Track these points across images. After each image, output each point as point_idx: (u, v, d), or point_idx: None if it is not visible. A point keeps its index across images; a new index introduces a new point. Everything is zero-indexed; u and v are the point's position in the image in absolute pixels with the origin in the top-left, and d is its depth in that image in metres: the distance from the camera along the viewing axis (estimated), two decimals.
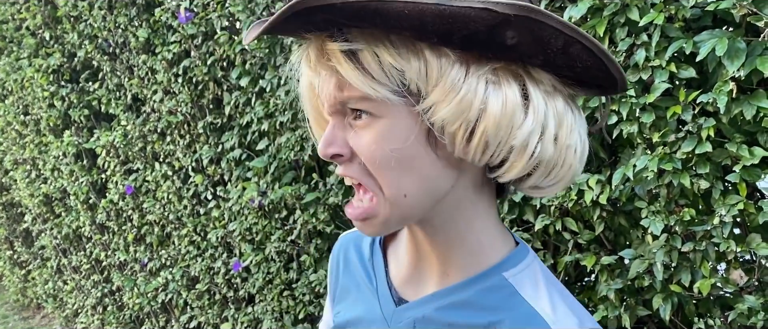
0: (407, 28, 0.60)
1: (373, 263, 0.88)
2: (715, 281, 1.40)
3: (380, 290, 0.84)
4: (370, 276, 0.87)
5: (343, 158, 0.69)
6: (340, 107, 0.69)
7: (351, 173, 0.70)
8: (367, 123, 0.67)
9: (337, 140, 0.69)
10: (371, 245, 0.90)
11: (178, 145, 3.11)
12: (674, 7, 1.31)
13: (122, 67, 3.31)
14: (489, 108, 0.62)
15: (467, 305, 0.73)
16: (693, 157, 1.33)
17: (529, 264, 0.74)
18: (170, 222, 3.43)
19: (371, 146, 0.67)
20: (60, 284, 5.21)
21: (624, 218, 1.59)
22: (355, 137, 0.68)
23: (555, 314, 0.69)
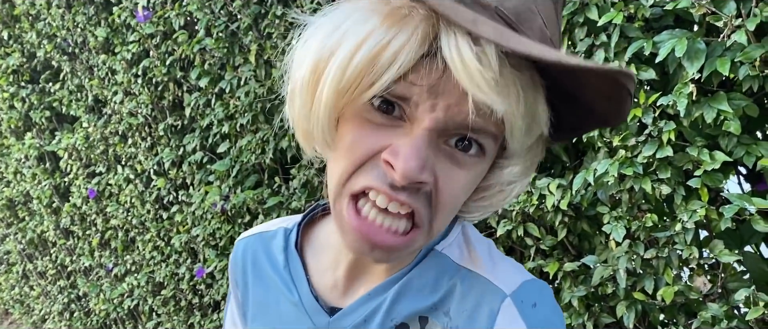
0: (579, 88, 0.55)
1: (290, 271, 0.76)
2: (678, 288, 1.36)
3: (306, 302, 0.73)
4: (289, 287, 0.75)
5: (423, 185, 0.56)
6: (455, 129, 0.55)
7: (416, 205, 0.57)
8: (474, 161, 0.58)
9: (427, 164, 0.55)
10: (285, 249, 0.78)
11: (140, 147, 3.02)
12: (634, 6, 1.27)
13: (82, 68, 3.21)
14: (525, 180, 0.65)
15: (407, 290, 0.68)
16: (654, 161, 1.28)
17: (458, 231, 0.72)
18: (134, 227, 3.34)
19: (464, 187, 0.59)
20: (26, 289, 5.08)
21: (587, 224, 1.54)
22: (450, 170, 0.57)
23: (495, 270, 0.66)
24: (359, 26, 0.54)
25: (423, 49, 0.52)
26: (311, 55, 0.57)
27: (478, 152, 0.57)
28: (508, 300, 0.63)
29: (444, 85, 0.53)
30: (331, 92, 0.55)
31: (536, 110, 0.56)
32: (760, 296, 1.23)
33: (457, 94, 0.52)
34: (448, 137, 0.56)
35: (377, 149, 0.56)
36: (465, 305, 0.65)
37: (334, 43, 0.55)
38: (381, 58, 0.52)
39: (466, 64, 0.50)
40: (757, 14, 1.09)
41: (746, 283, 1.33)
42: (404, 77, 0.53)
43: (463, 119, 0.53)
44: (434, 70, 0.52)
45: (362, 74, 0.53)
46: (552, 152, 1.60)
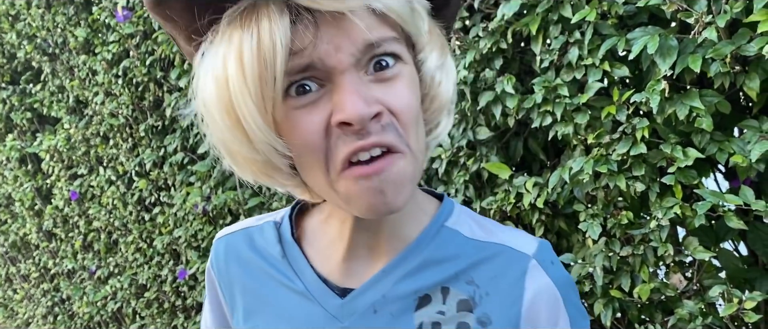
0: None
1: (290, 261, 0.75)
2: (654, 285, 1.36)
3: (312, 288, 0.72)
4: (290, 277, 0.74)
5: (378, 118, 0.58)
6: (363, 53, 0.58)
7: (386, 138, 0.58)
8: (398, 72, 0.60)
9: (370, 98, 0.58)
10: (280, 241, 0.77)
11: (121, 148, 3.00)
12: (607, 3, 1.27)
13: (63, 68, 3.18)
14: (451, 71, 0.68)
15: (426, 265, 0.70)
16: (628, 159, 1.28)
17: (460, 209, 0.75)
18: (116, 229, 3.31)
19: (406, 96, 0.60)
20: (10, 293, 5.03)
21: (564, 222, 1.54)
22: (385, 91, 0.59)
23: (510, 237, 0.71)
24: (229, 46, 0.57)
25: (285, 18, 0.56)
26: (211, 95, 0.60)
27: (396, 62, 0.60)
28: (533, 261, 0.68)
29: (325, 30, 0.56)
30: (252, 108, 0.57)
31: None
32: (734, 292, 1.24)
33: (341, 30, 0.56)
34: (365, 68, 0.59)
35: (325, 124, 0.58)
36: (490, 272, 0.69)
37: (223, 70, 0.58)
38: (265, 52, 0.55)
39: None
40: (727, 11, 1.09)
41: (721, 280, 1.33)
42: (294, 52, 0.56)
43: (359, 40, 0.57)
44: (309, 27, 0.56)
45: (262, 75, 0.56)
46: (530, 151, 1.60)
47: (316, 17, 0.56)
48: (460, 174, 1.60)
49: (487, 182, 1.62)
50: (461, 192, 1.63)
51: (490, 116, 1.51)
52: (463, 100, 1.54)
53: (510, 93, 1.41)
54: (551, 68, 1.37)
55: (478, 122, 1.56)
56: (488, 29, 1.43)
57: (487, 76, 1.47)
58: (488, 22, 1.45)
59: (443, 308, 0.68)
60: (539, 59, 1.37)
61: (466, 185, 1.62)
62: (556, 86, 1.33)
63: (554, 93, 1.34)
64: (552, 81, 1.34)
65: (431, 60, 0.65)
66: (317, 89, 0.58)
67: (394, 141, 0.58)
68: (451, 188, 1.65)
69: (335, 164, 0.59)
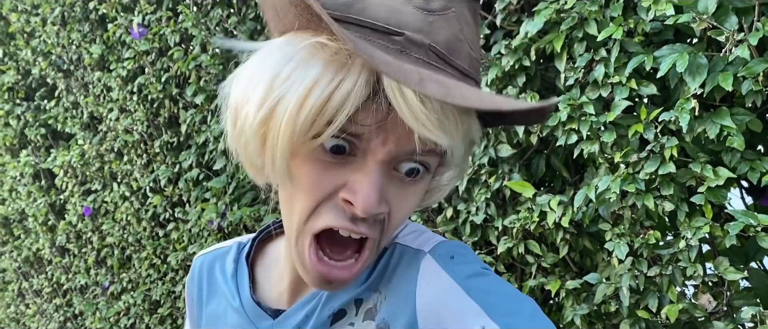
0: None
1: (237, 279, 0.80)
2: (683, 306, 1.33)
3: (247, 307, 0.76)
4: (233, 295, 0.79)
5: (379, 216, 0.60)
6: (404, 158, 0.58)
7: (370, 232, 0.60)
8: (420, 181, 0.62)
9: (384, 197, 0.59)
10: (235, 260, 0.82)
11: (136, 165, 3.00)
12: (633, 20, 1.25)
13: (77, 85, 3.19)
14: (458, 177, 0.69)
15: None
16: (656, 177, 1.26)
17: None
18: (130, 245, 3.31)
19: (413, 206, 0.63)
20: (22, 308, 5.03)
21: (588, 241, 1.52)
22: (401, 195, 0.61)
23: (417, 240, 0.71)
24: (304, 72, 0.55)
25: (368, 90, 0.54)
26: (257, 96, 0.57)
27: (424, 172, 0.61)
28: (427, 256, 0.67)
29: (392, 122, 0.55)
30: (286, 136, 0.56)
31: (470, 130, 0.61)
32: (767, 314, 1.21)
33: (404, 128, 0.55)
34: (398, 164, 0.59)
35: (334, 189, 0.59)
36: (389, 275, 0.70)
37: (281, 86, 0.56)
38: (331, 103, 0.54)
39: (411, 107, 0.53)
40: (759, 28, 1.08)
41: (752, 300, 1.30)
42: (353, 119, 0.55)
43: (411, 149, 0.57)
44: (380, 111, 0.55)
45: (314, 119, 0.54)
46: (553, 168, 1.58)
47: (392, 112, 0.55)
48: (482, 192, 1.59)
49: (509, 200, 1.60)
50: (482, 210, 1.61)
51: (512, 133, 1.50)
52: None
53: None
54: (576, 86, 1.35)
55: (499, 140, 1.54)
56: (511, 47, 1.41)
57: (510, 94, 1.45)
58: (511, 39, 1.43)
59: (354, 319, 0.70)
60: (564, 77, 1.35)
61: (488, 203, 1.60)
62: (581, 104, 1.31)
63: (579, 111, 1.32)
64: (577, 99, 1.32)
65: (447, 177, 0.67)
66: (349, 153, 0.58)
67: (375, 236, 0.61)
68: (472, 206, 1.63)
69: (315, 223, 0.60)
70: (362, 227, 0.59)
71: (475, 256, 0.69)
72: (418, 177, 0.60)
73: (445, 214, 1.72)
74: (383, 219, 0.61)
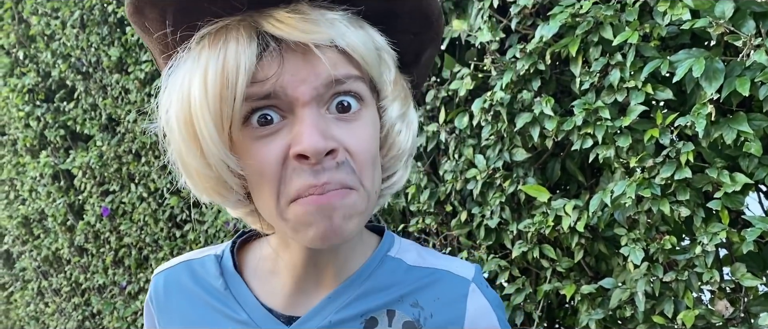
0: (418, 16, 0.66)
1: (233, 292, 0.75)
2: (699, 312, 1.32)
3: (257, 318, 0.73)
4: (233, 309, 0.74)
5: (333, 155, 0.59)
6: (326, 90, 0.60)
7: (340, 177, 0.59)
8: (357, 114, 0.62)
9: (327, 133, 0.59)
10: (222, 274, 0.76)
11: (153, 166, 3.03)
12: (649, 25, 1.24)
13: (96, 87, 3.23)
14: (413, 123, 0.70)
15: (372, 291, 0.72)
16: (672, 183, 1.26)
17: (401, 240, 0.79)
18: (147, 245, 3.34)
19: (364, 139, 0.62)
20: (42, 306, 5.09)
21: (604, 245, 1.51)
22: (346, 131, 0.61)
23: (449, 264, 0.76)
24: (196, 63, 0.59)
25: (254, 45, 0.58)
26: (176, 116, 0.61)
27: (358, 102, 0.62)
28: (472, 284, 0.74)
29: (292, 63, 0.58)
30: (211, 130, 0.59)
31: (371, 37, 0.63)
32: None
33: (307, 64, 0.58)
34: (327, 104, 0.60)
35: (283, 155, 0.60)
36: (433, 295, 0.73)
37: (186, 91, 0.60)
38: (228, 76, 0.57)
39: (288, 24, 0.57)
40: None
41: None
42: (259, 80, 0.58)
43: (327, 76, 0.58)
44: (276, 56, 0.58)
45: (223, 94, 0.58)
46: (568, 172, 1.57)
47: (282, 48, 0.58)
48: (496, 196, 1.58)
49: (523, 204, 1.59)
50: (497, 214, 1.61)
51: (527, 137, 1.50)
52: (499, 121, 1.52)
53: (548, 115, 1.39)
54: (591, 90, 1.35)
55: (514, 143, 1.54)
56: (526, 50, 1.41)
57: (525, 98, 1.45)
58: (526, 43, 1.43)
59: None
60: (579, 81, 1.35)
61: (502, 207, 1.60)
62: (597, 109, 1.31)
63: (595, 115, 1.32)
64: (592, 103, 1.32)
65: (393, 109, 0.67)
66: (279, 120, 0.60)
67: (346, 179, 0.60)
68: (486, 210, 1.63)
69: (287, 195, 0.60)
70: (325, 176, 0.59)
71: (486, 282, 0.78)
72: (355, 111, 0.61)
73: (459, 217, 1.72)
74: (346, 162, 0.60)
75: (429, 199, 1.77)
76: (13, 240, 4.96)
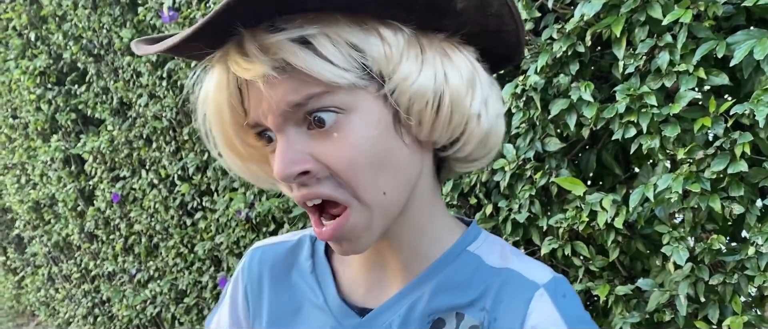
0: (366, 4, 0.57)
1: (317, 275, 0.78)
2: (748, 318, 1.21)
3: (332, 305, 0.75)
4: (314, 291, 0.77)
5: (310, 175, 0.60)
6: (293, 113, 0.60)
7: (319, 191, 0.61)
8: (336, 125, 0.60)
9: (298, 156, 0.60)
10: (312, 255, 0.80)
11: (164, 152, 2.95)
12: (703, 3, 1.13)
13: (108, 70, 3.15)
14: (450, 80, 0.62)
15: (443, 289, 0.70)
16: (725, 177, 1.14)
17: (486, 235, 0.75)
18: (157, 233, 3.27)
19: (347, 151, 0.60)
20: (52, 292, 5.06)
21: (642, 243, 1.40)
22: (323, 146, 0.60)
23: (526, 266, 0.69)
24: (208, 85, 0.66)
25: (231, 81, 0.62)
26: (202, 116, 0.68)
27: (334, 114, 0.59)
28: (541, 289, 0.66)
29: (257, 95, 0.60)
30: (225, 146, 0.68)
31: (338, 37, 0.58)
32: None
33: (264, 92, 0.59)
34: (305, 123, 0.60)
35: None
36: (499, 297, 0.68)
37: (204, 105, 0.67)
38: (218, 106, 0.64)
39: (236, 65, 0.59)
40: None
41: None
42: (246, 110, 0.63)
43: (285, 102, 0.59)
44: (249, 91, 0.61)
45: (221, 123, 0.65)
46: (602, 164, 1.46)
47: (248, 83, 0.61)
48: (526, 188, 1.48)
49: (554, 197, 1.49)
50: (526, 208, 1.51)
51: (562, 125, 1.39)
52: (531, 107, 1.41)
53: (588, 101, 1.28)
54: (635, 75, 1.24)
55: (547, 132, 1.44)
56: (564, 31, 1.30)
57: (561, 83, 1.34)
58: (563, 22, 1.32)
59: None
60: (622, 65, 1.24)
61: (532, 201, 1.50)
62: (641, 95, 1.20)
63: (639, 102, 1.21)
64: (637, 89, 1.21)
65: (407, 82, 0.60)
66: (273, 141, 0.64)
67: (331, 193, 0.61)
68: (514, 203, 1.53)
69: (299, 203, 0.65)
70: (304, 190, 0.61)
71: (579, 300, 0.69)
72: (331, 124, 0.59)
73: (484, 211, 1.62)
74: (328, 177, 0.61)
75: (452, 191, 1.66)
76: (24, 225, 4.92)
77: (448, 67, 0.62)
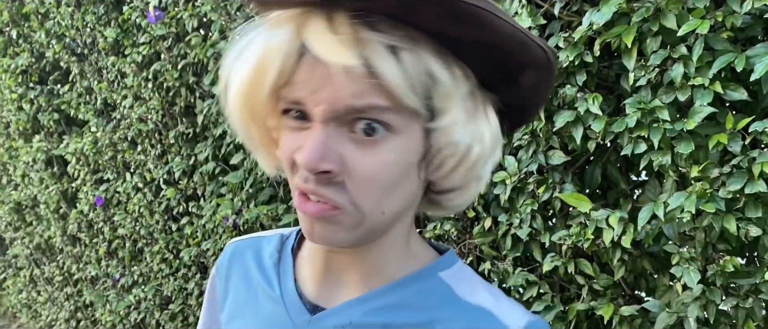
0: (457, 43, 0.57)
1: (279, 269, 0.77)
2: None
3: (287, 298, 0.73)
4: (271, 283, 0.76)
5: (331, 175, 0.58)
6: (345, 115, 0.57)
7: (323, 192, 0.59)
8: (382, 140, 0.58)
9: (332, 155, 0.57)
10: (279, 249, 0.78)
11: (150, 155, 2.86)
12: (721, 13, 1.07)
13: (91, 70, 3.06)
14: (483, 140, 0.62)
15: (403, 306, 0.68)
16: (742, 197, 1.09)
17: (462, 266, 0.73)
18: (142, 237, 3.18)
19: (376, 167, 0.59)
20: (34, 294, 4.95)
21: (648, 262, 1.34)
22: (357, 153, 0.58)
23: (499, 306, 0.66)
24: (254, 40, 0.60)
25: (296, 44, 0.57)
26: (224, 74, 0.63)
27: (385, 130, 0.58)
28: None
29: (319, 77, 0.56)
30: (243, 104, 0.62)
31: (420, 62, 0.57)
32: None
33: (333, 83, 0.56)
34: (352, 124, 0.58)
35: (293, 152, 0.60)
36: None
37: (234, 72, 0.62)
38: (264, 65, 0.58)
39: (319, 37, 0.55)
40: None
41: None
42: (291, 80, 0.58)
43: (345, 104, 0.56)
44: (308, 65, 0.57)
45: (255, 81, 0.59)
46: (607, 179, 1.40)
47: (315, 59, 0.56)
48: (527, 203, 1.41)
49: (557, 213, 1.42)
50: (527, 223, 1.44)
51: (567, 138, 1.33)
52: (535, 119, 1.35)
53: (595, 113, 1.22)
54: (646, 87, 1.18)
55: (550, 145, 1.37)
56: (571, 40, 1.24)
57: (567, 93, 1.28)
58: (570, 30, 1.26)
59: None
60: (632, 76, 1.17)
61: (533, 215, 1.43)
62: (653, 108, 1.14)
63: (651, 116, 1.15)
64: (648, 102, 1.15)
65: (448, 129, 0.60)
66: (309, 120, 0.60)
67: (332, 197, 0.59)
68: (515, 218, 1.46)
69: (292, 184, 0.63)
70: (313, 186, 0.59)
71: None
72: (378, 137, 0.58)
73: (482, 224, 1.55)
74: (342, 182, 0.59)
75: None
76: (6, 226, 4.80)
77: (484, 127, 0.62)
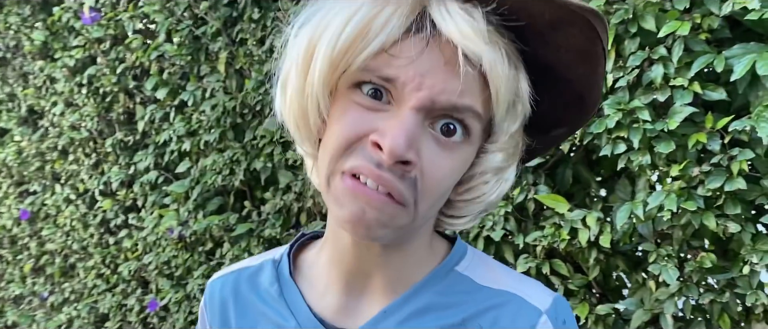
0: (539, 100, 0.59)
1: (286, 300, 0.72)
2: None
3: (306, 327, 0.70)
4: (284, 316, 0.71)
5: (409, 166, 0.56)
6: (440, 109, 0.56)
7: (394, 185, 0.56)
8: (457, 145, 0.58)
9: (415, 145, 0.56)
10: (278, 279, 0.74)
11: (83, 165, 2.70)
12: (698, 14, 1.09)
13: (15, 75, 2.86)
14: (506, 174, 0.64)
15: (429, 309, 0.66)
16: (721, 195, 1.11)
17: (473, 252, 0.72)
18: (74, 252, 3.00)
19: (450, 172, 0.59)
20: None
21: (622, 261, 1.36)
22: (435, 154, 0.57)
23: (522, 287, 0.67)
24: (350, 3, 0.56)
25: (410, 20, 0.55)
26: (305, 36, 0.59)
27: (463, 135, 0.58)
28: (544, 316, 0.65)
29: (428, 61, 0.54)
30: (326, 62, 0.57)
31: (518, 81, 0.58)
32: None
33: (442, 73, 0.54)
34: (434, 120, 0.57)
35: (366, 131, 0.57)
36: (498, 321, 0.66)
37: (327, 20, 0.57)
38: (371, 27, 0.54)
39: (456, 19, 0.53)
40: None
41: None
42: (390, 50, 0.55)
43: (448, 98, 0.55)
44: (419, 44, 0.54)
45: (354, 43, 0.55)
46: (579, 179, 1.42)
47: (432, 40, 0.55)
48: (501, 205, 1.41)
49: (531, 214, 1.42)
50: (500, 224, 1.44)
51: None
52: None
53: None
54: (624, 89, 1.19)
55: None
56: None
57: None
58: None
59: None
60: (611, 78, 1.18)
61: (506, 217, 1.43)
62: (633, 109, 1.15)
63: (630, 117, 1.16)
64: (628, 103, 1.16)
65: (494, 158, 0.62)
66: (386, 103, 0.57)
67: (401, 191, 0.56)
68: (488, 220, 1.45)
69: (344, 164, 0.58)
70: (387, 175, 0.55)
71: (574, 318, 0.69)
72: (456, 138, 0.57)
73: None
74: (415, 179, 0.56)
75: None
76: None
77: (513, 171, 0.64)
